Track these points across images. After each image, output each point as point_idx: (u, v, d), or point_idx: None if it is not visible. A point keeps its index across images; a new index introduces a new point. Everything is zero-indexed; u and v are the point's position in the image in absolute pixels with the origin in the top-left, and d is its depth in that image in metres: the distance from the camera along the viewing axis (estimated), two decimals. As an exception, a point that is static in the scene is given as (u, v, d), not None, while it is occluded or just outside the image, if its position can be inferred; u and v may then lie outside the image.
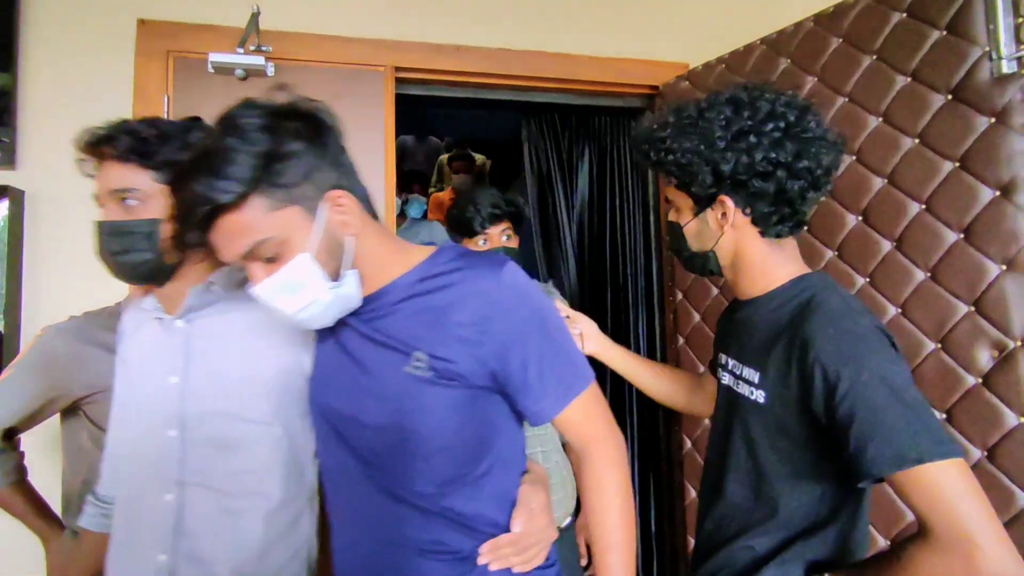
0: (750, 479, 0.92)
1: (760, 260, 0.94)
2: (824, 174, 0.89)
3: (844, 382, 0.76)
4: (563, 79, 1.96)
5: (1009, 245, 1.17)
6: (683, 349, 1.89)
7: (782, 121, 0.87)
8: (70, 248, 1.57)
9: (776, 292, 0.93)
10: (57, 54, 1.60)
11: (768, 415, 0.88)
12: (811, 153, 0.87)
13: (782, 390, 0.85)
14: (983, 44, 1.22)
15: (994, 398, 1.18)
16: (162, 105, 1.63)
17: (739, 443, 0.93)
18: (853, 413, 0.74)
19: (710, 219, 0.95)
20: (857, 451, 0.74)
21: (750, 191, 0.89)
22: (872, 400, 0.74)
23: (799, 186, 0.88)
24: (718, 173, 0.89)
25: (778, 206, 0.90)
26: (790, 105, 0.89)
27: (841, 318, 0.81)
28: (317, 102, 0.86)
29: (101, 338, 1.17)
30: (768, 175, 0.87)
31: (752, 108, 0.88)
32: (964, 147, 1.24)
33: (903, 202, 1.33)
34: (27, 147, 1.56)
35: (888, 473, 0.72)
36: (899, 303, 1.33)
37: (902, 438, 0.72)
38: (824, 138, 0.89)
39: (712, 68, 1.81)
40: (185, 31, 1.67)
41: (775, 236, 0.93)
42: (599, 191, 2.39)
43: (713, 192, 0.92)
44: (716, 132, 0.88)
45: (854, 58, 1.43)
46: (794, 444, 0.86)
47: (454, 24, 1.88)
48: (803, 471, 0.86)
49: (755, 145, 0.87)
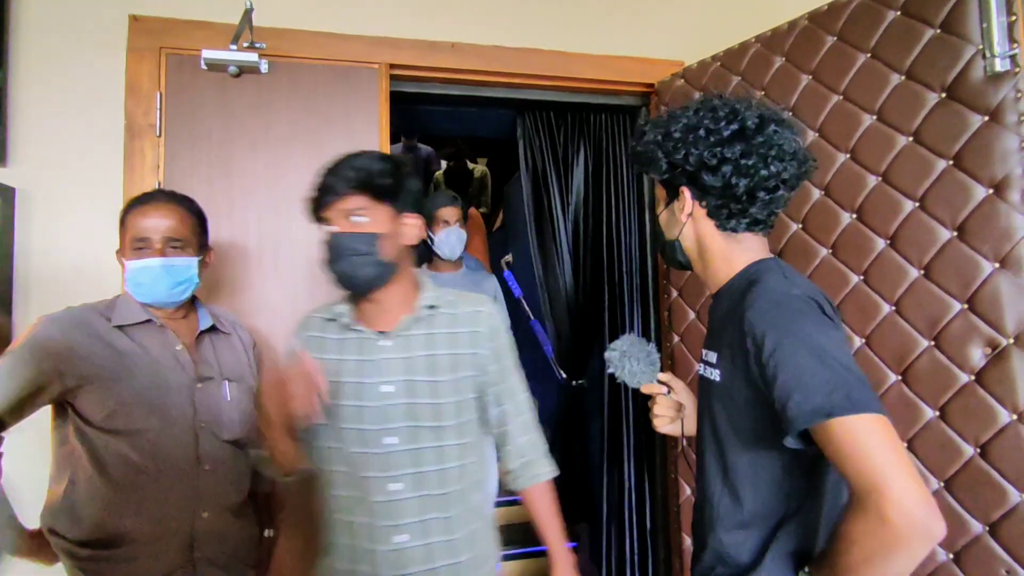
0: (718, 464, 0.94)
1: (719, 252, 0.99)
2: (772, 177, 0.92)
3: (768, 345, 0.80)
4: (558, 77, 1.96)
5: (1002, 243, 1.18)
6: (678, 347, 1.89)
7: (738, 124, 0.92)
8: (61, 246, 1.56)
9: (732, 280, 0.98)
10: (49, 51, 1.59)
11: (723, 391, 0.92)
12: (759, 154, 0.91)
13: (731, 365, 0.90)
14: (977, 42, 1.22)
15: (987, 395, 1.19)
16: (155, 102, 1.62)
17: (707, 426, 0.97)
18: (777, 373, 0.78)
19: (676, 209, 1.02)
20: (780, 409, 0.77)
21: (701, 184, 0.95)
22: (792, 360, 0.77)
23: (745, 183, 0.92)
24: (672, 162, 0.97)
25: (726, 200, 0.94)
26: (757, 115, 0.93)
27: (773, 291, 0.86)
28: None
29: (96, 329, 1.18)
30: (714, 169, 0.93)
31: (714, 110, 0.95)
32: (958, 145, 1.24)
33: (897, 200, 1.33)
34: (18, 144, 1.55)
35: (802, 426, 0.75)
36: (893, 300, 1.33)
37: (817, 395, 0.74)
38: (779, 146, 0.92)
39: (707, 66, 1.81)
40: (178, 27, 1.66)
41: (731, 231, 0.97)
42: (594, 189, 2.38)
43: (674, 182, 0.99)
44: (674, 126, 0.96)
45: (848, 56, 1.44)
46: (744, 416, 0.89)
47: (449, 21, 1.87)
48: (756, 444, 0.88)
49: (702, 139, 0.93)
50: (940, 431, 1.25)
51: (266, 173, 1.71)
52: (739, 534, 0.91)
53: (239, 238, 1.67)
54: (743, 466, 0.90)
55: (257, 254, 1.69)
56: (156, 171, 1.62)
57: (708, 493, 0.96)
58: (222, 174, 1.68)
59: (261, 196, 1.70)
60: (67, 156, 1.58)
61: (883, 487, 0.68)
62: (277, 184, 1.71)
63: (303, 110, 1.74)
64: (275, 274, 1.70)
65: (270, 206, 1.70)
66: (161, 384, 1.21)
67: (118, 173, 1.60)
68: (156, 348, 1.23)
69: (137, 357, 1.20)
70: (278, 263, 1.70)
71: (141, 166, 1.61)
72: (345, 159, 1.13)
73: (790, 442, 0.78)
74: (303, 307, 1.69)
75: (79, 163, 1.58)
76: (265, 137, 1.71)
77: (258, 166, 1.70)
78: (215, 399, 1.27)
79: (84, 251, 1.57)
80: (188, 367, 1.25)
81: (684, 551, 1.86)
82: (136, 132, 1.61)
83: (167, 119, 1.64)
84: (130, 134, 1.61)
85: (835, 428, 0.73)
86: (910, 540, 0.68)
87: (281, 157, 1.72)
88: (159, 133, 1.63)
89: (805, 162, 0.95)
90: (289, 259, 1.71)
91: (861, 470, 0.71)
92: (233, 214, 1.67)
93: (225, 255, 1.65)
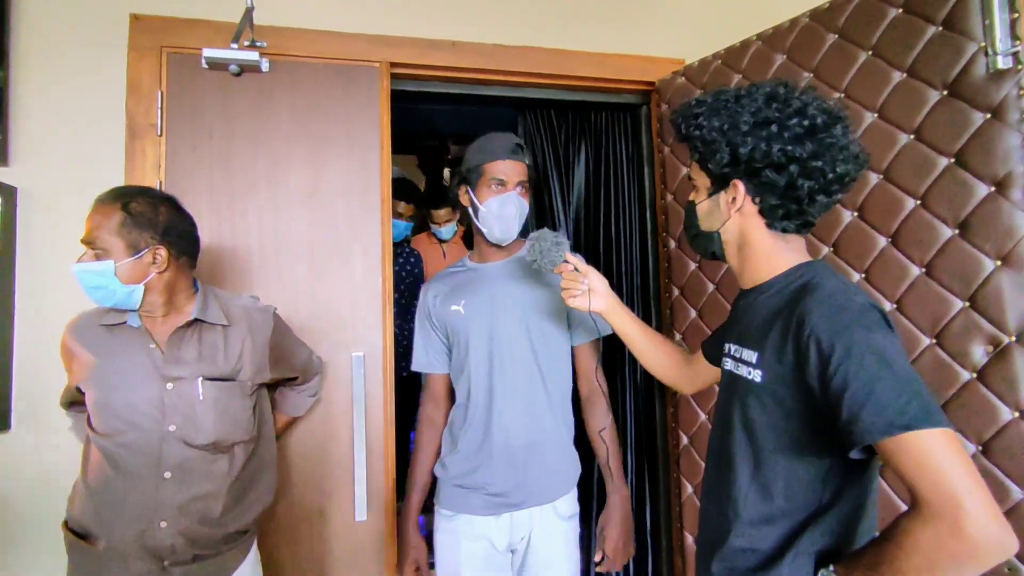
0: (748, 460, 0.93)
1: (764, 249, 0.97)
2: (836, 180, 0.91)
3: (838, 354, 0.78)
4: (559, 75, 1.95)
5: (1004, 240, 1.18)
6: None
7: (808, 120, 0.89)
8: (63, 245, 1.56)
9: (776, 279, 0.95)
10: (49, 50, 1.59)
11: (765, 394, 0.90)
12: (827, 156, 0.89)
13: (778, 367, 0.88)
14: (979, 40, 1.22)
15: (989, 393, 1.19)
16: (156, 101, 1.62)
17: (738, 425, 0.95)
18: (847, 383, 0.76)
19: (721, 201, 0.99)
20: (849, 420, 0.76)
21: (762, 180, 0.92)
22: (865, 371, 0.76)
23: (809, 185, 0.90)
24: (735, 155, 0.92)
25: (785, 201, 0.92)
26: (824, 110, 0.91)
27: (836, 296, 0.84)
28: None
29: (90, 332, 1.24)
30: (781, 167, 0.90)
31: (784, 103, 0.91)
32: (960, 143, 1.24)
33: (898, 198, 1.33)
34: (19, 144, 1.55)
35: (878, 439, 0.74)
36: (894, 299, 1.33)
37: (892, 407, 0.73)
38: (846, 148, 0.91)
39: (708, 64, 1.81)
40: (178, 26, 1.66)
41: (780, 231, 0.95)
42: (595, 187, 2.38)
43: (728, 174, 0.96)
44: (743, 116, 0.92)
45: (850, 54, 1.43)
46: (789, 420, 0.88)
47: (450, 20, 1.87)
48: (798, 448, 0.87)
49: (775, 135, 0.89)
50: (942, 429, 1.25)
51: (267, 172, 1.71)
52: (764, 528, 0.90)
53: (240, 236, 1.67)
54: (780, 466, 0.89)
55: (258, 252, 1.69)
56: (157, 170, 1.62)
57: (733, 486, 0.94)
58: (223, 173, 1.68)
59: (262, 195, 1.70)
60: (68, 156, 1.58)
61: (961, 501, 0.69)
62: (278, 183, 1.71)
63: (304, 109, 1.74)
64: (276, 272, 1.70)
65: (271, 205, 1.70)
66: (127, 387, 1.18)
67: (119, 172, 1.60)
68: (128, 348, 1.22)
69: (111, 359, 1.21)
70: (279, 261, 1.70)
71: (142, 165, 1.61)
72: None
73: (855, 453, 0.77)
74: (304, 306, 1.71)
75: (80, 163, 1.58)
76: (266, 136, 1.71)
77: (259, 165, 1.70)
78: (187, 400, 1.21)
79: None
80: (160, 367, 1.21)
81: (686, 549, 1.86)
82: (137, 131, 1.61)
83: (168, 118, 1.64)
84: (131, 133, 1.61)
85: (911, 441, 0.72)
86: (986, 554, 0.69)
87: (282, 156, 1.72)
88: (160, 132, 1.63)
89: (864, 164, 0.94)
90: (290, 257, 1.71)
91: (937, 483, 0.70)
92: (234, 213, 1.67)
93: (226, 253, 1.66)
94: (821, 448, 0.85)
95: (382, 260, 1.77)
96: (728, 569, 0.95)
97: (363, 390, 1.71)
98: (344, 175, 1.76)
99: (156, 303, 1.23)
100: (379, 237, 1.77)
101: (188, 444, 1.20)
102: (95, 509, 1.18)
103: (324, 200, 1.74)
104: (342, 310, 1.73)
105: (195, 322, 1.26)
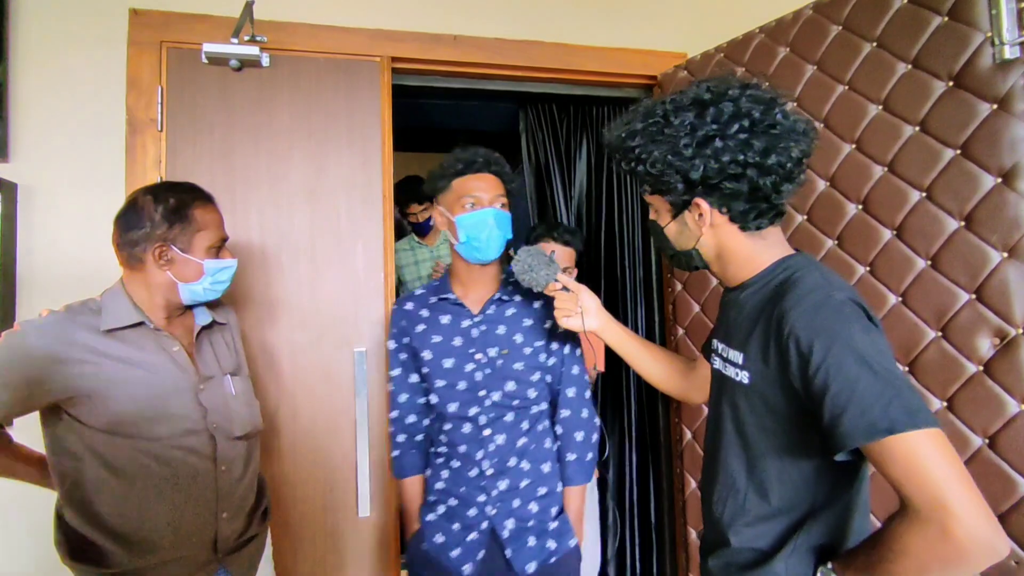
0: (742, 461, 0.93)
1: (743, 252, 0.95)
2: (795, 165, 0.89)
3: (817, 354, 0.76)
4: (561, 69, 1.94)
5: (1011, 232, 1.17)
6: (682, 340, 1.88)
7: (746, 120, 0.86)
8: (64, 241, 1.56)
9: (759, 276, 0.94)
10: (49, 45, 1.58)
11: (753, 395, 0.89)
12: (780, 147, 0.86)
13: (763, 368, 0.86)
14: (985, 30, 1.20)
15: (995, 386, 1.18)
16: (156, 96, 1.62)
17: (729, 426, 0.95)
18: (827, 385, 0.75)
19: (688, 221, 0.96)
20: (831, 423, 0.74)
21: (724, 192, 0.90)
22: (844, 371, 0.74)
23: (771, 181, 0.88)
24: (688, 180, 0.90)
25: (753, 203, 0.90)
26: (756, 100, 0.88)
27: (815, 292, 0.82)
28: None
29: (83, 338, 1.10)
30: (739, 176, 0.88)
31: (716, 110, 0.88)
32: (966, 134, 1.23)
33: (904, 190, 1.32)
34: (19, 140, 1.54)
35: (860, 444, 0.72)
36: (900, 292, 1.32)
37: (874, 409, 0.71)
38: (793, 130, 0.88)
39: (711, 57, 1.80)
40: (178, 21, 1.65)
41: (756, 229, 0.94)
42: (597, 181, 2.38)
43: (687, 197, 0.93)
44: (682, 140, 0.88)
45: (854, 46, 1.42)
46: (779, 421, 0.87)
47: (451, 14, 1.86)
48: (791, 449, 0.86)
49: (721, 149, 0.86)
50: (948, 422, 1.24)
51: (268, 167, 1.70)
52: (761, 527, 0.90)
53: (241, 232, 1.66)
54: (773, 467, 0.88)
55: (260, 247, 1.68)
56: (158, 166, 1.62)
57: (731, 487, 0.94)
58: (224, 168, 1.67)
59: (263, 190, 1.69)
60: (69, 151, 1.57)
61: (949, 505, 0.67)
62: (279, 178, 1.70)
63: (305, 104, 1.73)
64: (278, 268, 1.69)
65: (272, 200, 1.70)
66: (160, 392, 1.15)
67: (120, 168, 1.59)
68: (151, 353, 1.16)
69: (132, 365, 1.13)
70: (281, 257, 1.70)
71: (143, 161, 1.61)
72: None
73: (841, 456, 0.75)
74: (306, 300, 1.70)
75: (81, 158, 1.58)
76: (267, 131, 1.70)
77: (260, 160, 1.69)
78: (221, 397, 1.24)
79: (86, 246, 1.56)
80: (188, 369, 1.20)
81: (690, 544, 1.85)
82: (137, 127, 1.61)
83: (168, 113, 1.63)
84: (131, 129, 1.60)
85: (894, 445, 0.70)
86: (976, 557, 0.67)
87: (283, 151, 1.71)
88: (160, 128, 1.62)
89: (814, 134, 0.91)
90: (291, 253, 1.70)
91: (923, 486, 0.69)
92: (235, 208, 1.66)
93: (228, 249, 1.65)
94: (811, 449, 0.84)
95: (384, 256, 1.76)
96: (725, 566, 0.95)
97: (365, 386, 1.70)
98: (345, 170, 1.75)
99: (172, 304, 1.23)
100: (381, 232, 1.76)
101: (228, 437, 1.24)
102: (152, 514, 1.14)
103: (325, 195, 1.73)
104: (344, 306, 1.73)
105: (212, 323, 1.30)
